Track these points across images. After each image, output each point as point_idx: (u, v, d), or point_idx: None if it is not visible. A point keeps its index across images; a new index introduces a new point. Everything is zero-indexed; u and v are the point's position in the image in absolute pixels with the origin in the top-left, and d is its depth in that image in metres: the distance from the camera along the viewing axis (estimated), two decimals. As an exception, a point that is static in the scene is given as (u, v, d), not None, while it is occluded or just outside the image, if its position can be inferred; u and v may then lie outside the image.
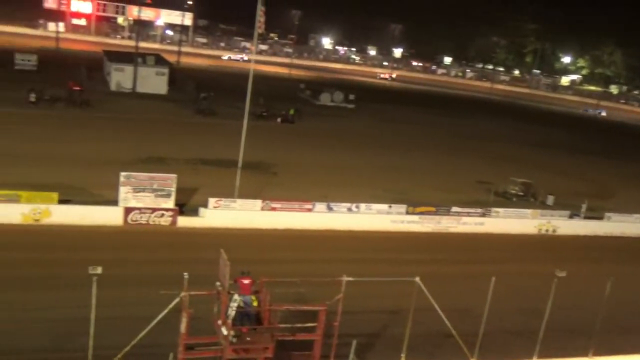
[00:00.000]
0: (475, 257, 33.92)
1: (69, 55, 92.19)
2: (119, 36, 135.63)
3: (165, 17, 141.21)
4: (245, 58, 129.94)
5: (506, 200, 45.35)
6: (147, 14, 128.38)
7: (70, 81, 60.06)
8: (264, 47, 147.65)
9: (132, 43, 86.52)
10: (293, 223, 34.20)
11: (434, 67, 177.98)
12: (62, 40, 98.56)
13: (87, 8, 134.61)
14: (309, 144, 56.76)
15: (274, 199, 34.98)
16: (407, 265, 27.55)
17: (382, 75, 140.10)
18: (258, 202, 34.18)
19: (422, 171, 51.46)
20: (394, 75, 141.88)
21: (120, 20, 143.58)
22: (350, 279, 18.54)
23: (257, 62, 50.15)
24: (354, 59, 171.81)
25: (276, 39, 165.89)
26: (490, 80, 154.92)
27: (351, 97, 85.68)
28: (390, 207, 37.09)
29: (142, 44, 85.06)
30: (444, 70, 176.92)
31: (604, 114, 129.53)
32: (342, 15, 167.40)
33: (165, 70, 73.39)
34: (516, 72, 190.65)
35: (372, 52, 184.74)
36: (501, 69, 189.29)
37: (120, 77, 70.36)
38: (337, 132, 65.20)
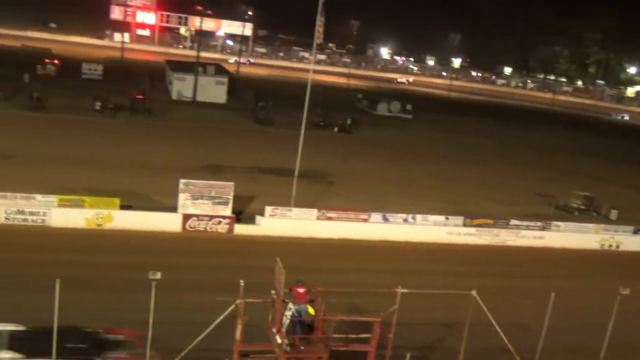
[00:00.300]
0: (534, 271, 33.14)
1: (133, 64, 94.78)
2: (181, 46, 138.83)
3: (226, 27, 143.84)
4: (252, 61, 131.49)
5: (567, 213, 44.22)
6: (208, 24, 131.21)
7: (133, 90, 61.74)
8: (322, 57, 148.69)
9: (193, 53, 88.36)
10: (348, 233, 34.21)
11: (493, 77, 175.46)
12: (127, 50, 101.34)
13: (151, 19, 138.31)
14: (365, 153, 56.63)
15: (330, 208, 35.08)
16: (463, 278, 27.23)
17: (399, 80, 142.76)
18: (314, 212, 34.34)
19: (481, 183, 50.61)
20: (410, 80, 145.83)
21: (182, 30, 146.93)
22: (406, 290, 18.39)
23: (315, 72, 50.64)
24: (412, 69, 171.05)
25: (334, 48, 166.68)
26: (552, 91, 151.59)
27: (408, 107, 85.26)
28: (447, 218, 36.67)
29: (203, 54, 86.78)
30: (503, 81, 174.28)
31: (626, 117, 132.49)
32: (401, 25, 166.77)
33: (225, 80, 74.70)
34: (579, 82, 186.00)
35: (431, 62, 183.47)
36: (563, 79, 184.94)
37: (181, 86, 72.04)
38: (394, 142, 64.91)
